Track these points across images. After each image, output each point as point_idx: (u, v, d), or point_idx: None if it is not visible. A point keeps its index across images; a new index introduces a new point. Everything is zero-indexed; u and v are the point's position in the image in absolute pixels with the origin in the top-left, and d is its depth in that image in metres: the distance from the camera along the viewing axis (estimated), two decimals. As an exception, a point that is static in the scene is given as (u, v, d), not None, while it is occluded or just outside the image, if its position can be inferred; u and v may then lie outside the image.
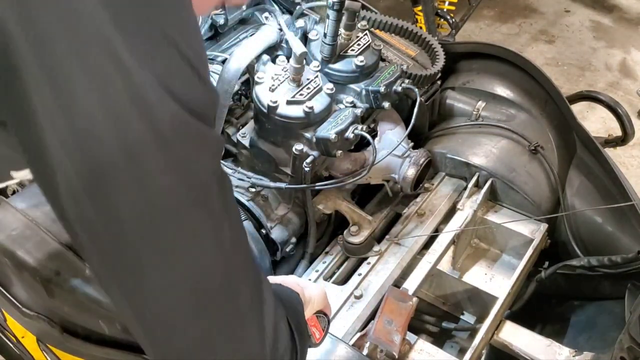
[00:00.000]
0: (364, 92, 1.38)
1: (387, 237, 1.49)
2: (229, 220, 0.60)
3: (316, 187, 1.36)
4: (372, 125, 1.47)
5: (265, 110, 1.29)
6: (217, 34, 1.57)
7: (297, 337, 0.70)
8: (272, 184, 1.34)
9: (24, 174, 0.85)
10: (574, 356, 1.32)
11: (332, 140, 1.25)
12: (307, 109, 1.26)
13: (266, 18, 1.46)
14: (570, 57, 3.46)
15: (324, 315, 1.01)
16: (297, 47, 1.34)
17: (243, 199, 1.37)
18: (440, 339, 1.63)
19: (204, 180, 0.57)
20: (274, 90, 1.29)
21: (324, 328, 1.00)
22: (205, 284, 0.58)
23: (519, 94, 1.68)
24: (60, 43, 0.50)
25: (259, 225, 1.38)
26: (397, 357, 1.21)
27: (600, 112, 2.67)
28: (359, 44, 1.41)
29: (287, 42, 1.42)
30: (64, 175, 0.52)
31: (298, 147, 1.28)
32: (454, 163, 1.61)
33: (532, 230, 1.54)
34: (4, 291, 1.23)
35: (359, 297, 1.35)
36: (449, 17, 2.71)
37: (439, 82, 1.65)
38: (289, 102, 1.27)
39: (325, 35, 1.35)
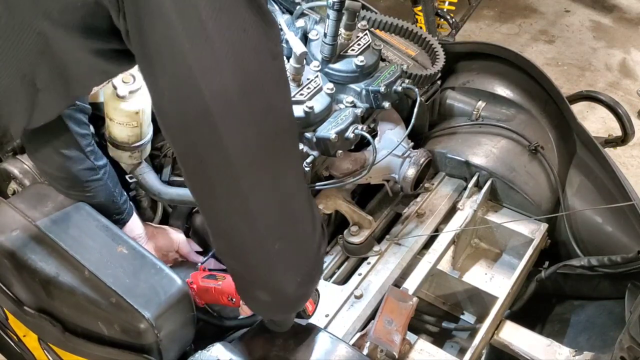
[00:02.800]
0: (364, 92, 1.38)
1: (387, 237, 1.49)
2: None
3: (316, 187, 1.36)
4: (372, 125, 1.47)
5: (265, 110, 1.28)
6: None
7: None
8: (272, 184, 1.33)
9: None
10: (574, 356, 1.32)
11: (332, 140, 1.25)
12: (307, 109, 1.26)
13: (266, 18, 1.46)
14: (570, 57, 3.46)
15: (316, 290, 1.17)
16: (297, 47, 1.34)
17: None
18: (440, 339, 1.63)
19: None
20: (274, 90, 1.29)
21: (315, 302, 1.16)
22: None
23: (519, 94, 1.68)
24: None
25: (259, 225, 1.37)
26: (397, 357, 1.21)
27: (600, 112, 2.67)
28: (359, 44, 1.41)
29: (287, 42, 1.42)
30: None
31: (298, 147, 1.28)
32: (454, 163, 1.61)
33: (532, 230, 1.54)
34: (6, 290, 1.23)
35: (359, 297, 1.35)
36: (449, 17, 2.71)
37: (439, 82, 1.65)
38: (289, 102, 1.27)
39: (325, 35, 1.35)
